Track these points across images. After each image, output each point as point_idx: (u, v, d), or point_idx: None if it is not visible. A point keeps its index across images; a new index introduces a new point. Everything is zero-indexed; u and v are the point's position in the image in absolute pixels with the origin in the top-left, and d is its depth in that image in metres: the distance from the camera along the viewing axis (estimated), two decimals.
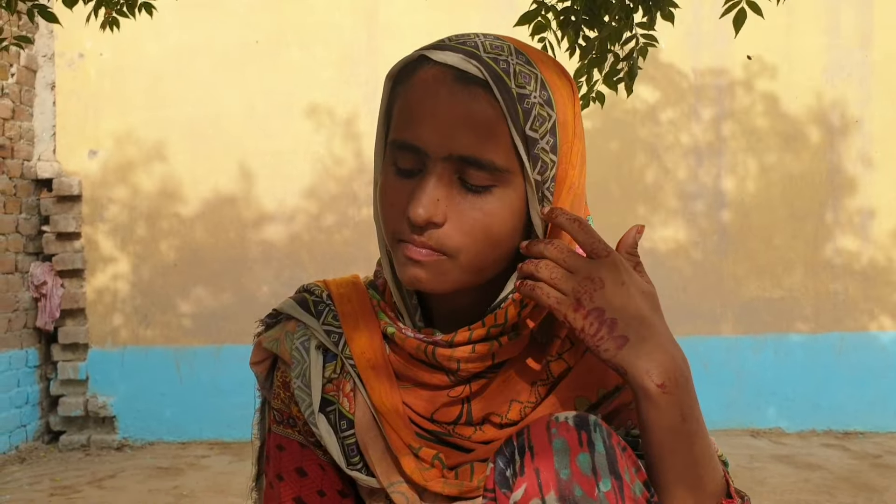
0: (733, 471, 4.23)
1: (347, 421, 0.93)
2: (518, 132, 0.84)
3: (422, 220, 0.83)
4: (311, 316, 0.97)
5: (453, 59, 0.85)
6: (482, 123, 0.83)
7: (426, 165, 0.85)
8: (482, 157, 0.83)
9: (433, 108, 0.84)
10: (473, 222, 0.84)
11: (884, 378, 5.12)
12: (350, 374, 0.94)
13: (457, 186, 0.85)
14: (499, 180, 0.85)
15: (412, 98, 0.86)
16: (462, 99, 0.83)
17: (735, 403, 5.09)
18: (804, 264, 5.17)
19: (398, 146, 0.87)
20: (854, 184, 5.17)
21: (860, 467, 4.30)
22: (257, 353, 1.01)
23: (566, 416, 0.83)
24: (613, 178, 5.15)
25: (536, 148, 0.85)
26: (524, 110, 0.84)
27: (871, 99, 5.16)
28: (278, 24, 5.06)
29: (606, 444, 0.81)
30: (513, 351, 0.91)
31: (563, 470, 0.79)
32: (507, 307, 0.89)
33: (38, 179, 5.00)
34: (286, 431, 0.99)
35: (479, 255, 0.86)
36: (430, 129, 0.84)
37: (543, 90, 0.86)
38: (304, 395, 0.94)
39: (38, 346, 5.03)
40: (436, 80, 0.85)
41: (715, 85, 5.18)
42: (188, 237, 5.09)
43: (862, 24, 5.14)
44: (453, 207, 0.85)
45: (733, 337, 5.14)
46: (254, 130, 5.04)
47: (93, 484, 4.24)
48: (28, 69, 4.97)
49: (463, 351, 0.89)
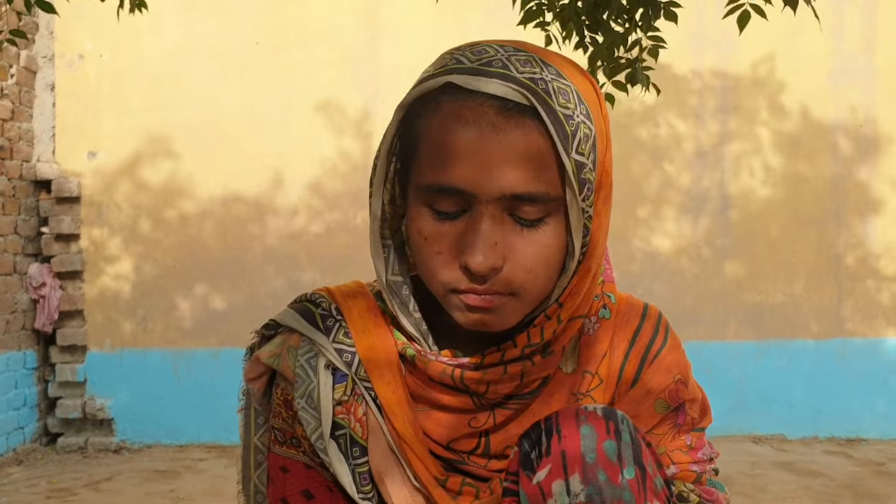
0: (734, 477, 4.20)
1: (360, 448, 0.88)
2: (567, 157, 0.79)
3: (485, 270, 0.79)
4: (319, 332, 0.90)
5: (490, 87, 0.77)
6: (535, 157, 0.78)
7: (474, 207, 0.80)
8: (537, 192, 0.79)
9: (479, 147, 0.77)
10: (533, 258, 0.81)
11: (887, 384, 5.08)
12: (363, 397, 0.88)
13: (509, 223, 0.80)
14: (551, 210, 0.81)
15: (447, 135, 0.79)
16: (510, 132, 0.77)
17: (737, 409, 5.05)
18: (807, 269, 5.13)
19: (437, 190, 0.80)
20: (859, 188, 5.13)
21: (863, 475, 4.25)
22: (254, 367, 0.95)
23: (594, 407, 0.83)
24: (614, 180, 5.10)
25: (584, 172, 0.81)
26: (571, 133, 0.79)
27: (876, 103, 5.13)
28: (279, 24, 5.05)
29: (633, 435, 0.81)
30: (544, 370, 0.88)
31: (588, 454, 0.78)
32: (541, 325, 0.86)
33: (37, 180, 4.98)
34: (290, 452, 0.93)
35: (541, 288, 0.83)
36: (477, 169, 0.78)
37: (581, 104, 0.81)
38: (311, 417, 0.88)
39: (37, 347, 5.01)
40: (475, 113, 0.78)
41: (718, 87, 5.15)
42: (187, 239, 5.07)
43: (866, 29, 5.11)
44: (509, 246, 0.80)
45: (736, 342, 5.11)
46: (254, 132, 5.02)
47: (89, 487, 4.21)
48: (28, 70, 4.95)
49: (494, 373, 0.85)
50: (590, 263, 0.86)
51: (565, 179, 0.80)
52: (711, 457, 0.98)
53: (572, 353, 0.90)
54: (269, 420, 0.96)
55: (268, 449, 0.97)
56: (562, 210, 0.81)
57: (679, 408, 0.95)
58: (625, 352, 0.94)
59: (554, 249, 0.82)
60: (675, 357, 0.97)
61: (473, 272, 0.79)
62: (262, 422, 0.98)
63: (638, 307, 0.98)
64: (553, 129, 0.77)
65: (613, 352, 0.94)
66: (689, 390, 0.97)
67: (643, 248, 5.12)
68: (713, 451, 0.99)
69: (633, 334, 0.95)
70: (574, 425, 0.81)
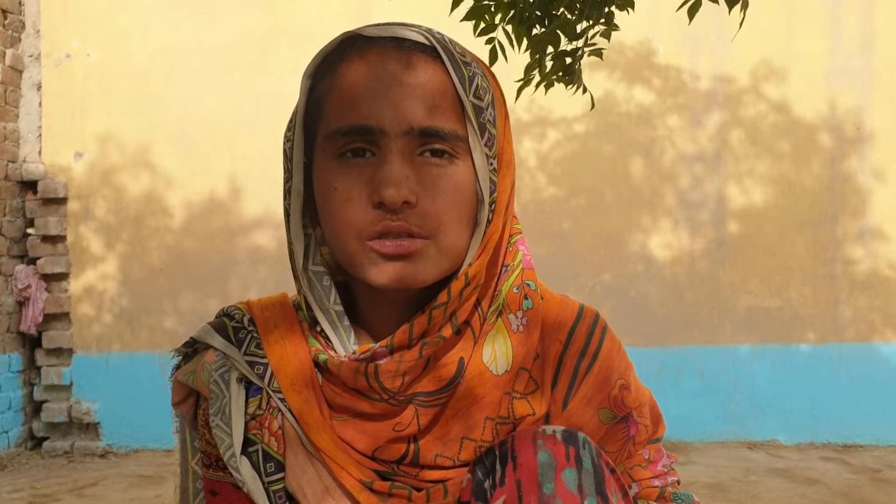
0: (727, 484, 4.12)
1: (275, 463, 0.83)
2: (466, 97, 0.79)
3: (399, 201, 0.75)
4: (230, 344, 0.86)
5: (391, 31, 0.79)
6: (437, 91, 0.78)
7: (382, 146, 0.77)
8: (443, 128, 0.77)
9: (384, 83, 0.77)
10: (444, 196, 0.78)
11: (884, 390, 5.02)
12: (279, 409, 0.83)
13: (420, 162, 0.78)
14: (458, 150, 0.79)
15: (353, 79, 0.78)
16: (413, 69, 0.78)
17: (732, 414, 5.00)
18: (804, 273, 5.07)
19: (344, 132, 0.78)
20: (856, 191, 5.08)
21: (859, 482, 4.19)
22: (177, 389, 0.90)
23: (554, 430, 0.78)
24: (608, 183, 5.06)
25: (482, 117, 0.79)
26: (469, 77, 0.79)
27: (873, 105, 5.07)
28: (268, 25, 4.99)
29: (595, 462, 0.76)
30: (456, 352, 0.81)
31: (546, 484, 0.73)
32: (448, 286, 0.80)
33: (23, 181, 4.93)
34: (217, 475, 0.89)
35: (454, 232, 0.79)
36: (383, 104, 0.77)
37: (477, 62, 0.82)
38: (224, 434, 0.83)
39: (22, 350, 4.95)
40: (377, 54, 0.79)
41: (714, 90, 5.10)
42: (175, 241, 5.01)
43: (863, 30, 5.06)
44: (421, 183, 0.77)
45: (731, 346, 5.05)
46: (242, 133, 4.97)
47: (73, 492, 4.15)
48: (14, 69, 4.89)
49: (410, 358, 0.79)
50: (497, 222, 0.83)
51: (466, 120, 0.79)
52: (671, 466, 0.93)
53: (503, 354, 0.84)
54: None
55: (187, 469, 0.93)
56: (468, 155, 0.80)
57: (627, 417, 0.89)
58: (558, 355, 0.88)
59: (465, 191, 0.80)
60: (614, 360, 0.90)
61: (387, 204, 0.76)
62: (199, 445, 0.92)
63: (573, 308, 0.91)
64: (451, 68, 0.79)
65: (547, 356, 0.87)
66: (634, 395, 0.90)
67: (638, 252, 5.07)
68: (671, 459, 0.94)
69: (567, 336, 0.88)
70: (531, 451, 0.75)
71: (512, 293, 0.85)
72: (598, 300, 5.00)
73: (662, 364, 4.84)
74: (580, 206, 5.04)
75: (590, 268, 5.05)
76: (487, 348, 0.83)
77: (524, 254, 0.89)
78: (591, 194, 5.06)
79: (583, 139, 5.06)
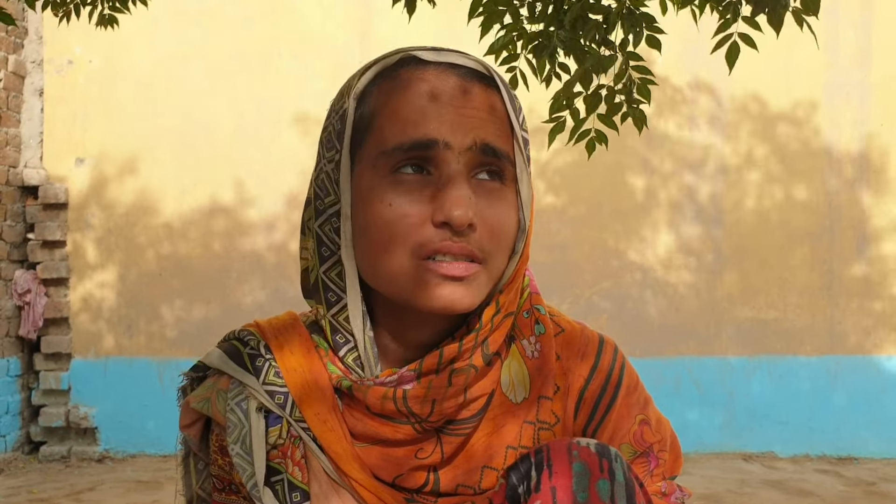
0: (723, 495, 4.13)
1: (301, 492, 0.83)
2: (518, 126, 0.82)
3: (466, 222, 0.76)
4: (247, 373, 0.85)
5: (450, 58, 0.81)
6: (498, 114, 0.80)
7: (442, 164, 0.78)
8: (503, 149, 0.80)
9: (445, 100, 0.78)
10: (499, 221, 0.80)
11: (880, 403, 5.04)
12: (301, 438, 0.83)
13: (474, 184, 0.79)
14: (509, 176, 0.81)
15: (414, 97, 0.79)
16: (476, 92, 0.80)
17: (727, 426, 5.01)
18: (800, 285, 5.09)
19: (405, 148, 0.78)
20: (853, 204, 5.10)
21: (853, 494, 4.20)
22: (186, 414, 0.90)
23: (587, 442, 0.80)
24: (606, 193, 5.08)
25: (528, 149, 0.83)
26: (518, 108, 0.83)
27: (871, 118, 5.10)
28: (270, 33, 5.02)
29: (626, 475, 0.78)
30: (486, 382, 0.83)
31: (580, 492, 0.75)
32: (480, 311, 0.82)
33: (24, 186, 4.95)
34: (229, 499, 0.89)
35: (500, 259, 0.82)
36: (446, 119, 0.78)
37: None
38: (246, 464, 0.82)
39: (21, 355, 4.97)
40: (438, 77, 0.80)
41: (712, 102, 5.12)
42: (174, 247, 5.03)
43: (861, 44, 5.08)
44: (479, 207, 0.79)
45: (726, 358, 5.06)
46: (243, 140, 4.99)
47: (70, 497, 4.16)
48: (16, 75, 4.92)
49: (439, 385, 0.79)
50: (527, 251, 0.86)
51: (517, 148, 0.82)
52: (683, 501, 0.95)
53: (520, 381, 0.86)
54: (208, 466, 0.92)
55: (209, 496, 0.92)
56: (514, 183, 0.82)
57: (647, 452, 0.91)
58: (580, 390, 0.89)
59: (512, 220, 0.82)
60: (635, 396, 0.92)
61: (455, 224, 0.76)
62: (203, 467, 0.93)
63: (593, 342, 0.92)
64: (506, 97, 0.81)
65: (570, 390, 0.89)
66: (655, 430, 0.92)
67: (636, 262, 5.09)
68: (684, 493, 0.96)
69: (590, 372, 0.90)
70: (566, 461, 0.77)
71: (522, 318, 0.87)
72: (595, 310, 5.02)
73: (659, 375, 4.85)
74: (578, 216, 5.06)
75: (588, 278, 5.06)
76: (505, 375, 0.85)
77: (529, 278, 0.90)
78: (590, 204, 5.08)
79: (581, 149, 5.07)
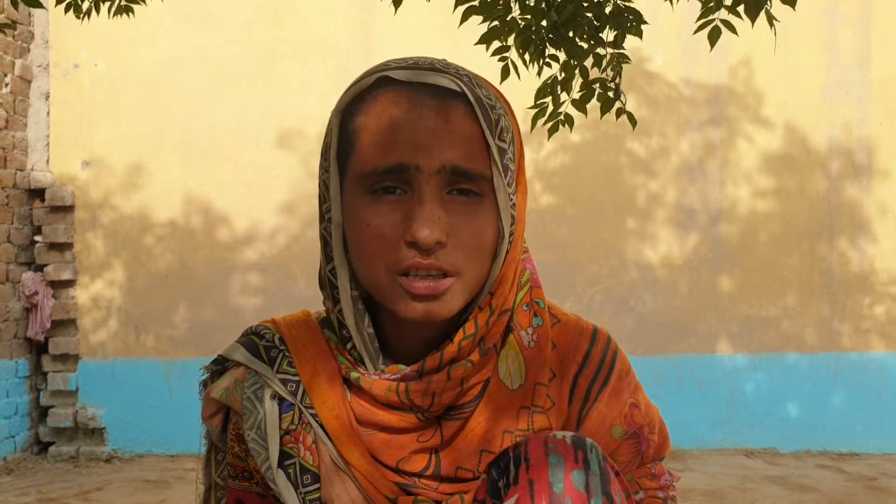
0: (724, 491, 4.17)
1: (311, 475, 0.88)
2: (493, 141, 0.83)
3: (432, 242, 0.80)
4: (263, 363, 0.91)
5: (425, 77, 0.83)
6: (468, 136, 0.82)
7: (415, 186, 0.82)
8: (473, 169, 0.82)
9: (419, 124, 0.81)
10: (471, 237, 0.83)
11: (880, 399, 5.08)
12: (311, 425, 0.89)
13: (447, 201, 0.83)
14: (483, 191, 0.84)
15: (388, 119, 0.83)
16: (447, 113, 0.82)
17: (729, 422, 5.05)
18: (800, 283, 5.13)
19: (380, 172, 0.82)
20: (851, 202, 5.14)
21: (854, 490, 4.24)
22: (208, 405, 0.95)
23: (563, 435, 0.84)
24: (606, 192, 5.12)
25: (505, 158, 0.85)
26: (495, 120, 0.84)
27: (870, 118, 5.13)
28: (273, 36, 5.05)
29: (601, 465, 0.82)
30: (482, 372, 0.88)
31: (556, 483, 0.79)
32: (475, 316, 0.87)
33: (31, 189, 4.99)
34: (243, 485, 0.95)
35: (479, 270, 0.85)
36: (419, 144, 0.81)
37: (500, 100, 0.88)
38: (260, 448, 0.88)
39: (29, 356, 5.01)
40: (410, 98, 0.83)
41: (711, 101, 5.16)
42: (180, 249, 5.07)
43: (860, 44, 5.12)
44: (451, 224, 0.82)
45: (728, 355, 5.10)
46: (248, 143, 5.03)
47: (79, 496, 4.20)
48: (22, 79, 4.96)
49: (438, 381, 0.85)
50: (515, 253, 0.89)
51: (492, 162, 0.84)
52: (671, 482, 1.00)
53: (517, 371, 0.90)
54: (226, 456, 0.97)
55: (226, 482, 0.97)
56: (492, 194, 0.85)
57: (638, 434, 0.96)
58: (574, 375, 0.95)
59: (489, 232, 0.85)
60: (624, 381, 0.97)
61: (420, 244, 0.80)
62: (222, 458, 0.98)
63: (587, 331, 0.98)
64: (480, 114, 0.83)
65: (564, 376, 0.94)
66: (643, 413, 0.98)
67: (635, 261, 5.12)
68: (673, 476, 1.01)
69: (583, 359, 0.96)
70: (542, 454, 0.82)
71: (521, 310, 0.92)
72: (596, 309, 5.06)
73: (660, 373, 4.90)
74: (578, 216, 5.10)
75: (588, 277, 5.10)
76: (502, 365, 0.90)
77: (531, 272, 0.95)
78: (590, 204, 5.12)
79: (581, 149, 5.12)
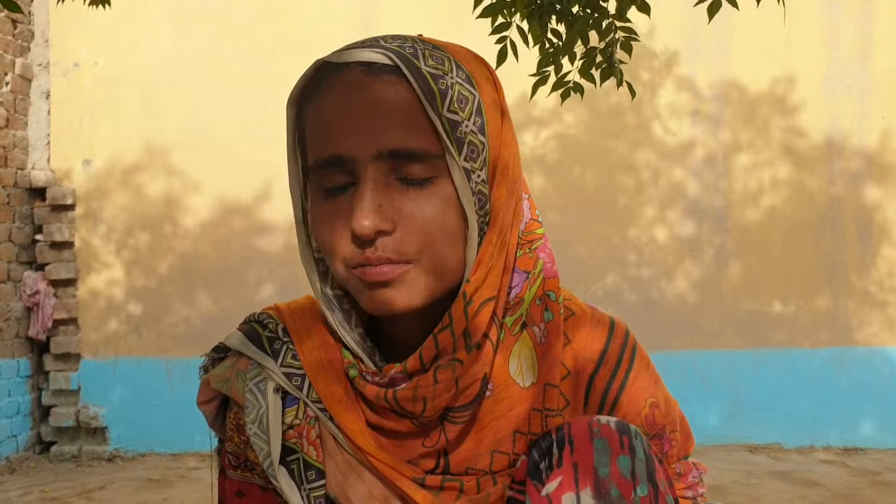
0: (729, 486, 4.15)
1: (316, 471, 0.84)
2: (436, 114, 0.76)
3: (369, 231, 0.75)
4: (266, 355, 0.87)
5: (355, 56, 0.78)
6: (403, 110, 0.76)
7: (356, 175, 0.77)
8: (413, 147, 0.76)
9: (347, 109, 0.77)
10: (424, 220, 0.77)
11: (885, 394, 5.05)
12: (317, 418, 0.85)
13: (396, 187, 0.77)
14: (437, 170, 0.77)
15: (323, 110, 0.79)
16: (376, 90, 0.76)
17: (733, 418, 5.03)
18: (804, 278, 5.11)
19: (321, 165, 0.78)
20: (856, 196, 5.12)
21: (859, 484, 4.22)
22: (205, 391, 0.93)
23: (608, 419, 0.81)
24: (609, 188, 5.10)
25: (459, 130, 0.77)
26: (440, 91, 0.76)
27: (873, 111, 5.11)
28: (273, 33, 5.05)
29: (647, 452, 0.79)
30: (475, 369, 0.81)
31: (602, 468, 0.77)
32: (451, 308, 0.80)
33: (31, 188, 4.99)
34: (245, 475, 0.92)
35: (440, 253, 0.78)
36: (350, 131, 0.76)
37: (460, 69, 0.80)
38: (262, 443, 0.85)
39: (30, 355, 5.00)
40: (344, 81, 0.78)
41: (716, 96, 5.14)
42: (182, 247, 5.06)
43: (862, 37, 5.10)
44: (398, 210, 0.77)
45: (732, 351, 5.08)
46: (247, 141, 5.02)
47: (82, 496, 4.19)
48: (23, 78, 4.96)
49: (425, 384, 0.79)
50: (492, 235, 0.81)
51: (442, 136, 0.77)
52: (700, 478, 0.96)
53: (529, 367, 0.85)
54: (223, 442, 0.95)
55: (221, 472, 0.95)
56: (450, 174, 0.78)
57: (660, 435, 0.92)
58: (590, 374, 0.89)
59: (449, 213, 0.78)
60: (646, 378, 0.92)
61: (358, 236, 0.75)
62: (217, 443, 0.97)
63: (604, 325, 0.92)
64: (416, 84, 0.76)
65: (580, 375, 0.89)
66: (665, 412, 0.92)
67: (640, 257, 5.11)
68: (700, 470, 0.97)
69: (599, 356, 0.90)
70: (587, 437, 0.79)
71: (534, 304, 0.85)
72: (600, 305, 5.00)
73: (664, 368, 4.83)
74: (581, 211, 5.08)
75: (591, 272, 5.09)
76: (513, 361, 0.85)
77: (545, 261, 0.87)
78: (593, 199, 5.10)
79: (586, 144, 5.10)
